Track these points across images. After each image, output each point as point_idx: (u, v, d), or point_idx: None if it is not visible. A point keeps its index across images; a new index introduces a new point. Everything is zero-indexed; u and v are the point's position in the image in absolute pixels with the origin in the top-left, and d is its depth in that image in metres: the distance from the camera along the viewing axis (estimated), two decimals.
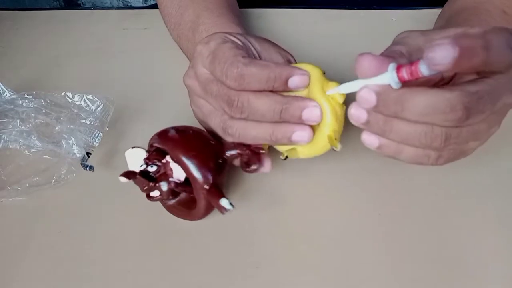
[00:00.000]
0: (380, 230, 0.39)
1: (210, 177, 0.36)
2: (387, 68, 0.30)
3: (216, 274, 0.37)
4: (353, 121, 0.33)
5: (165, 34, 0.55)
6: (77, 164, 0.42)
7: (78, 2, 1.04)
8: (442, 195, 0.40)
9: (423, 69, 0.28)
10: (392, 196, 0.41)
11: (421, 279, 0.36)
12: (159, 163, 0.37)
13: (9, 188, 0.42)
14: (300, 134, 0.35)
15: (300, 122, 0.35)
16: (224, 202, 0.34)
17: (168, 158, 0.37)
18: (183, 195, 0.39)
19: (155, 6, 0.57)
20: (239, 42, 0.38)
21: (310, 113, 0.34)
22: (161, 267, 0.38)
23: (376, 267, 0.36)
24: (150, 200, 0.38)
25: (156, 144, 0.38)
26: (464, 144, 0.33)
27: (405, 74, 0.29)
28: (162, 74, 0.54)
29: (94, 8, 0.67)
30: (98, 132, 0.44)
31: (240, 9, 0.56)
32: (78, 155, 0.42)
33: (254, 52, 0.39)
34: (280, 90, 0.35)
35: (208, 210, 0.38)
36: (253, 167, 0.37)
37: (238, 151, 0.37)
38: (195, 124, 0.41)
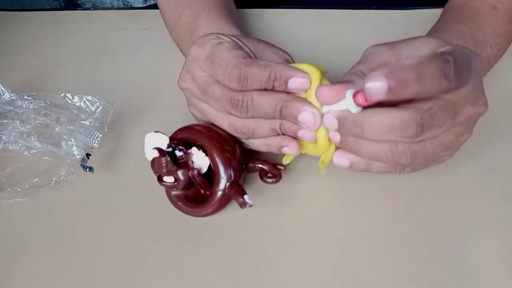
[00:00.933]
0: (381, 230, 0.39)
1: (233, 174, 0.38)
2: (345, 95, 0.34)
3: (216, 275, 0.37)
4: (332, 141, 0.36)
5: (165, 34, 0.55)
6: (77, 165, 0.42)
7: (78, 2, 1.05)
8: (443, 195, 0.40)
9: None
10: (392, 196, 0.41)
11: (421, 279, 0.36)
12: (184, 151, 0.38)
13: (9, 189, 0.42)
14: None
15: (296, 122, 0.36)
16: (247, 198, 0.36)
17: (193, 150, 0.38)
18: (190, 191, 0.39)
19: (155, 6, 0.57)
20: (233, 43, 0.38)
21: (305, 117, 0.35)
22: (161, 267, 0.38)
23: (377, 268, 0.36)
24: (161, 184, 0.38)
25: (185, 136, 0.39)
26: (434, 155, 0.35)
27: (360, 99, 0.33)
28: (162, 74, 0.54)
29: (94, 8, 0.67)
30: (98, 133, 0.44)
31: (238, 10, 0.56)
32: (78, 156, 0.42)
33: (249, 53, 0.39)
34: (280, 90, 0.36)
35: (219, 208, 0.38)
36: (271, 179, 0.40)
37: (260, 165, 0.41)
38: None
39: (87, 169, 0.42)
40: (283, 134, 0.38)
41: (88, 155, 0.43)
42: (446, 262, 0.36)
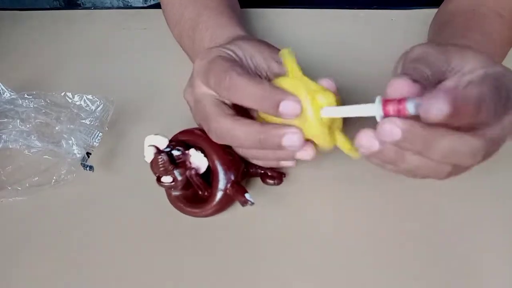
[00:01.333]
0: (382, 230, 0.39)
1: (233, 175, 0.38)
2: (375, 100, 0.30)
3: (216, 274, 0.37)
4: (362, 149, 0.32)
5: (165, 34, 0.55)
6: (77, 164, 0.42)
7: (78, 2, 1.05)
8: (445, 194, 0.40)
9: (410, 109, 0.29)
10: (394, 196, 0.41)
11: (424, 278, 0.36)
12: (182, 151, 0.38)
13: (9, 188, 0.42)
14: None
15: (282, 149, 0.35)
16: (248, 196, 0.37)
17: (191, 151, 0.38)
18: (189, 191, 0.39)
19: (155, 6, 0.57)
20: (235, 57, 0.38)
21: (290, 140, 0.34)
22: (161, 266, 0.38)
23: (379, 267, 0.36)
24: (159, 184, 0.38)
25: (184, 138, 0.39)
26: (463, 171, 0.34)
27: (391, 110, 0.30)
28: (162, 74, 0.54)
29: (94, 8, 0.67)
30: (98, 132, 0.44)
31: (240, 9, 0.56)
32: (78, 155, 0.42)
33: (251, 64, 0.39)
34: (270, 112, 0.34)
35: (220, 210, 0.39)
36: (272, 180, 0.41)
37: (261, 171, 0.41)
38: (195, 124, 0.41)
39: (87, 168, 0.42)
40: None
41: (88, 154, 0.43)
42: (449, 261, 0.36)
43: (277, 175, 0.41)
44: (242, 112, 0.38)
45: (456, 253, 0.37)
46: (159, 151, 0.37)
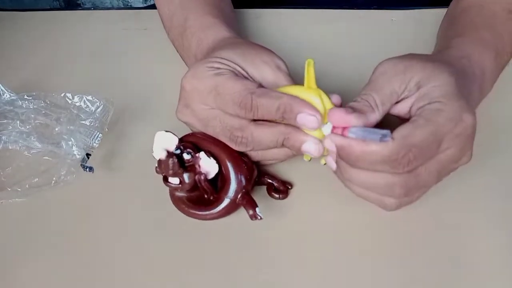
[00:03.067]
0: (381, 231, 0.39)
1: (244, 185, 0.38)
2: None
3: (216, 274, 0.37)
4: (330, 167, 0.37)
5: (165, 34, 0.55)
6: (77, 165, 0.42)
7: (78, 2, 1.04)
8: (443, 195, 0.40)
9: (350, 136, 0.33)
10: None
11: (422, 279, 0.36)
12: (193, 154, 0.38)
13: (9, 189, 0.42)
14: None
15: (300, 152, 0.37)
16: (258, 210, 0.37)
17: (201, 154, 0.38)
18: (194, 194, 0.39)
19: (155, 6, 0.57)
20: (231, 73, 0.38)
21: (307, 147, 0.36)
22: (161, 267, 0.38)
23: (377, 268, 0.36)
24: (166, 184, 0.38)
25: (195, 140, 0.39)
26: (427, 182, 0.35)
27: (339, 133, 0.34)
28: (162, 74, 0.54)
29: (94, 8, 0.67)
30: (98, 133, 0.44)
31: (238, 10, 0.56)
32: (78, 156, 0.42)
33: (241, 70, 0.39)
34: (290, 122, 0.36)
35: (224, 215, 0.39)
36: (277, 194, 0.41)
37: (270, 181, 0.41)
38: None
39: (87, 169, 0.42)
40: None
41: (88, 155, 0.43)
42: (446, 262, 0.36)
43: (283, 188, 0.41)
44: None
45: (455, 255, 0.37)
46: (170, 154, 0.37)
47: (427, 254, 0.37)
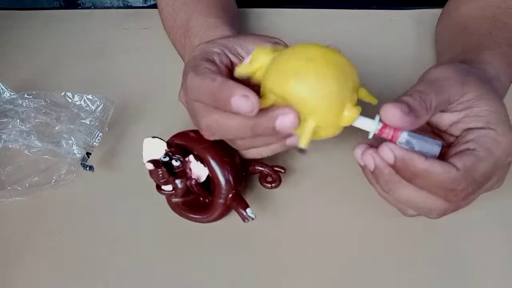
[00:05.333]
0: (380, 230, 0.39)
1: (233, 185, 0.37)
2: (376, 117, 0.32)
3: (216, 274, 0.37)
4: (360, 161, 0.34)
5: (165, 34, 0.55)
6: (77, 164, 0.42)
7: (78, 2, 1.04)
8: None
9: (400, 141, 0.31)
10: None
11: (421, 279, 0.36)
12: (182, 159, 0.38)
13: (9, 188, 0.42)
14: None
15: (275, 133, 0.32)
16: (249, 211, 0.36)
17: (190, 158, 0.38)
18: (190, 197, 0.39)
19: (155, 6, 0.57)
20: (217, 58, 0.36)
21: (282, 122, 0.31)
22: (161, 267, 0.38)
23: (377, 268, 0.36)
24: (160, 192, 0.38)
25: (182, 142, 0.39)
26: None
27: (385, 134, 0.32)
28: (162, 74, 0.54)
29: (94, 8, 0.67)
30: (98, 132, 0.44)
31: (239, 9, 0.56)
32: (78, 155, 0.42)
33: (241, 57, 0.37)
34: (224, 108, 0.32)
35: (221, 216, 0.39)
36: (270, 184, 0.40)
37: (260, 168, 0.40)
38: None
39: (87, 168, 0.42)
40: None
41: (88, 154, 0.43)
42: (445, 262, 0.36)
43: (275, 177, 0.40)
44: None
45: (454, 254, 0.37)
46: (157, 165, 0.36)
47: (427, 254, 0.37)
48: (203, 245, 0.39)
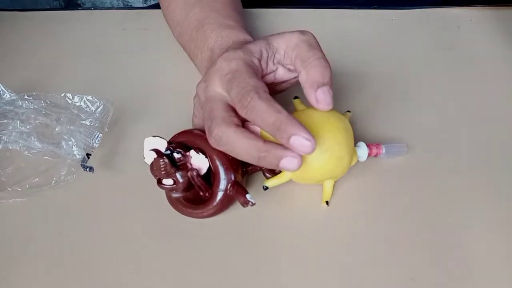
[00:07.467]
0: (380, 230, 0.39)
1: (233, 173, 0.38)
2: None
3: (216, 274, 0.37)
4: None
5: (165, 34, 0.55)
6: (77, 165, 0.42)
7: (78, 2, 1.05)
8: (442, 195, 0.40)
9: (383, 152, 0.42)
10: (392, 196, 0.41)
11: (421, 279, 0.36)
12: (183, 153, 0.38)
13: (9, 189, 0.42)
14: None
15: (278, 168, 0.34)
16: (249, 196, 0.37)
17: (191, 152, 0.38)
18: (190, 193, 0.40)
19: (155, 7, 0.57)
20: (257, 65, 0.38)
21: (287, 163, 0.33)
22: (161, 268, 0.38)
23: (376, 268, 0.36)
24: (160, 187, 0.38)
25: (183, 139, 0.39)
26: None
27: (372, 153, 0.42)
28: (162, 74, 0.54)
29: (94, 8, 0.67)
30: (98, 133, 0.44)
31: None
32: (78, 156, 0.42)
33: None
34: (281, 141, 0.34)
35: (220, 210, 0.39)
36: (270, 175, 0.41)
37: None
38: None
39: (88, 169, 0.42)
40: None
41: (88, 155, 0.43)
42: (445, 262, 0.36)
43: (277, 171, 0.40)
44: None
45: (454, 254, 0.37)
46: (160, 155, 0.37)
47: (427, 254, 0.37)
48: (203, 245, 0.39)
